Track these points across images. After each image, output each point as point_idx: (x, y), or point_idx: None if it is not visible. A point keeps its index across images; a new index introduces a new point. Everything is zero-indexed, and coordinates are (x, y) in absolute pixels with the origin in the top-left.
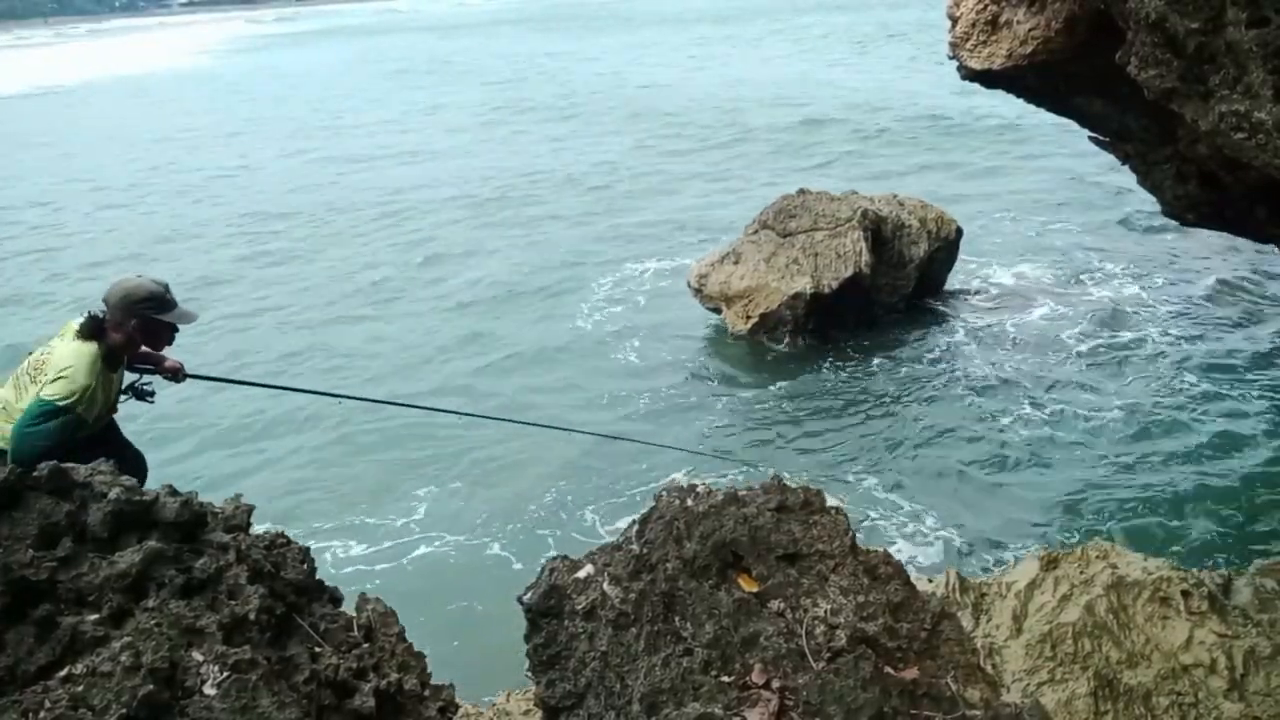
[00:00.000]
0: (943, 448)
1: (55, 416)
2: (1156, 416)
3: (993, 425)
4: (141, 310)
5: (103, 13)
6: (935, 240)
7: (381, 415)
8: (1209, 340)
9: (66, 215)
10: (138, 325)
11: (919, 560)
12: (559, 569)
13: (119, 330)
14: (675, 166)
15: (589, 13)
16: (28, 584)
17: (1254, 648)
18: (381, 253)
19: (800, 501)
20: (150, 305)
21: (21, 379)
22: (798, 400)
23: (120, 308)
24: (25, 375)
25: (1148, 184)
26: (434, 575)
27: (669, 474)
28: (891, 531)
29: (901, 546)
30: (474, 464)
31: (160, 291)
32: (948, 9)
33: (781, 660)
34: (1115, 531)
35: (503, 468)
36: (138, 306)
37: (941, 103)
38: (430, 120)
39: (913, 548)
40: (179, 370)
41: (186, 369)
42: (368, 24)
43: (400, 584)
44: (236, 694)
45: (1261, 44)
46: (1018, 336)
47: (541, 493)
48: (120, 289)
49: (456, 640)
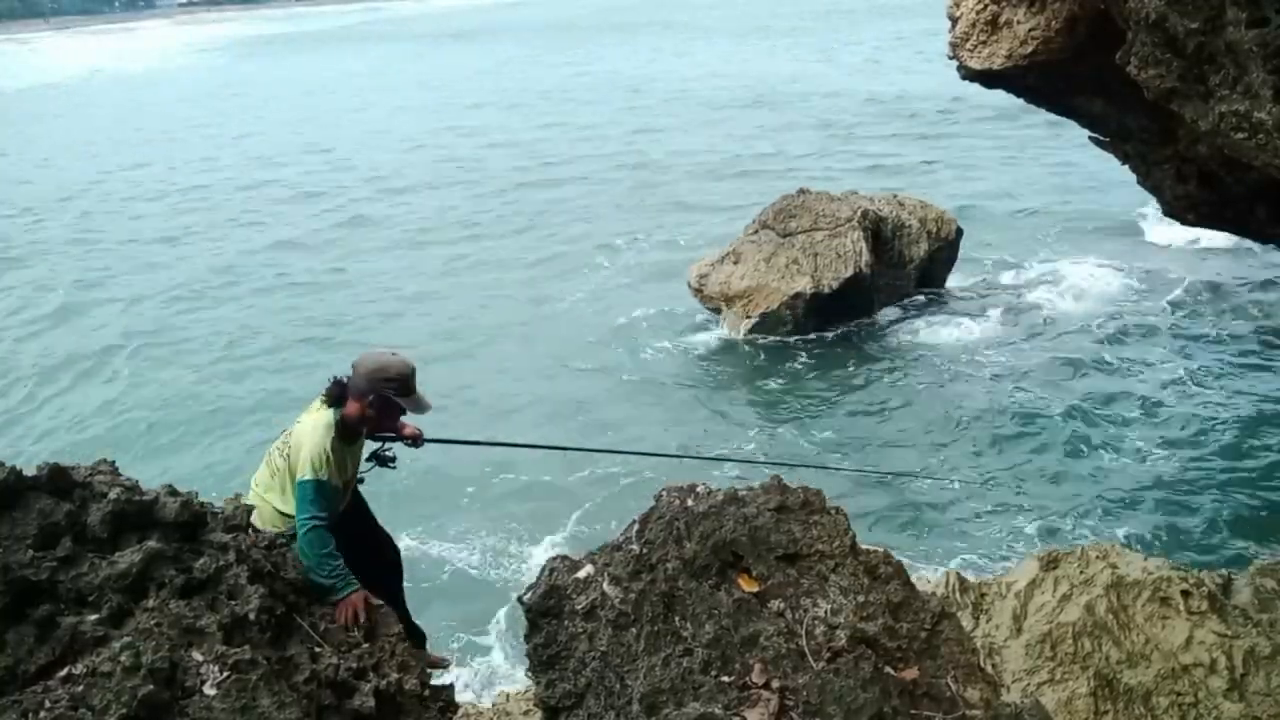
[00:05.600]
0: (942, 446)
1: (315, 492)
2: (1156, 416)
3: (992, 424)
4: (385, 388)
5: (103, 12)
6: (935, 240)
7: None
8: (1209, 340)
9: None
10: (376, 401)
11: (919, 559)
12: (559, 569)
13: (358, 401)
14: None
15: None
16: (28, 584)
17: (1254, 648)
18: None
19: (800, 501)
20: (394, 386)
21: (273, 457)
22: (797, 400)
23: (366, 378)
24: (276, 452)
25: (1148, 184)
26: (433, 575)
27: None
28: (891, 530)
29: (901, 545)
30: (473, 469)
31: (408, 375)
32: (948, 9)
33: (781, 660)
34: (1115, 531)
35: (502, 471)
36: (383, 384)
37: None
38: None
39: (912, 547)
40: (418, 436)
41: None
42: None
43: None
44: (236, 694)
45: (1261, 44)
46: (1017, 336)
47: (541, 496)
48: (374, 361)
49: (455, 642)
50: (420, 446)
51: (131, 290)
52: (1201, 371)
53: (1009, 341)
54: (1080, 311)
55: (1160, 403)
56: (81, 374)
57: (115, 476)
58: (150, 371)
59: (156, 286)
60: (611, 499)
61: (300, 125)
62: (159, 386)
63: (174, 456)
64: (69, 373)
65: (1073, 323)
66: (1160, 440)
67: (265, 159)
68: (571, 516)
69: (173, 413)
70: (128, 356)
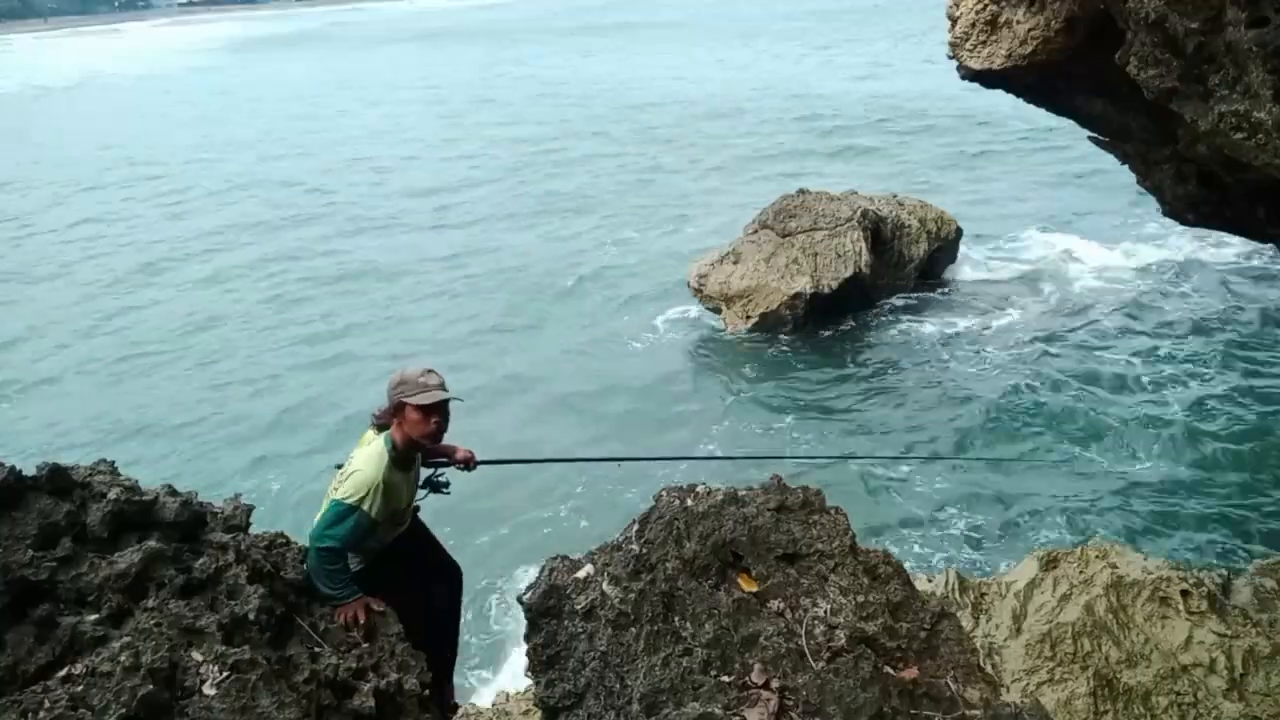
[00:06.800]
0: (942, 445)
1: (344, 518)
2: (1157, 414)
3: (992, 423)
4: (396, 395)
5: (101, 12)
6: (935, 240)
7: None
8: (1210, 340)
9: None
10: (393, 411)
11: (919, 558)
12: (559, 569)
13: (392, 420)
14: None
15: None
16: (28, 584)
17: (1253, 647)
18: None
19: (800, 501)
20: (408, 389)
21: (328, 494)
22: (797, 400)
23: (389, 396)
24: (331, 489)
25: (1148, 184)
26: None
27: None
28: (891, 529)
29: (901, 544)
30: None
31: (414, 374)
32: (947, 9)
33: (781, 660)
34: (1115, 531)
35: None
36: (393, 392)
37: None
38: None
39: (912, 545)
40: (471, 459)
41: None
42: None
43: None
44: (236, 694)
45: (1261, 44)
46: (1017, 336)
47: (540, 500)
48: (392, 379)
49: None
50: (473, 469)
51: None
52: (1202, 370)
53: (1009, 341)
54: (1081, 311)
55: (1161, 401)
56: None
57: (115, 476)
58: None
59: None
60: (611, 500)
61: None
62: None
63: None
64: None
65: (1073, 322)
66: (1160, 439)
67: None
68: (570, 517)
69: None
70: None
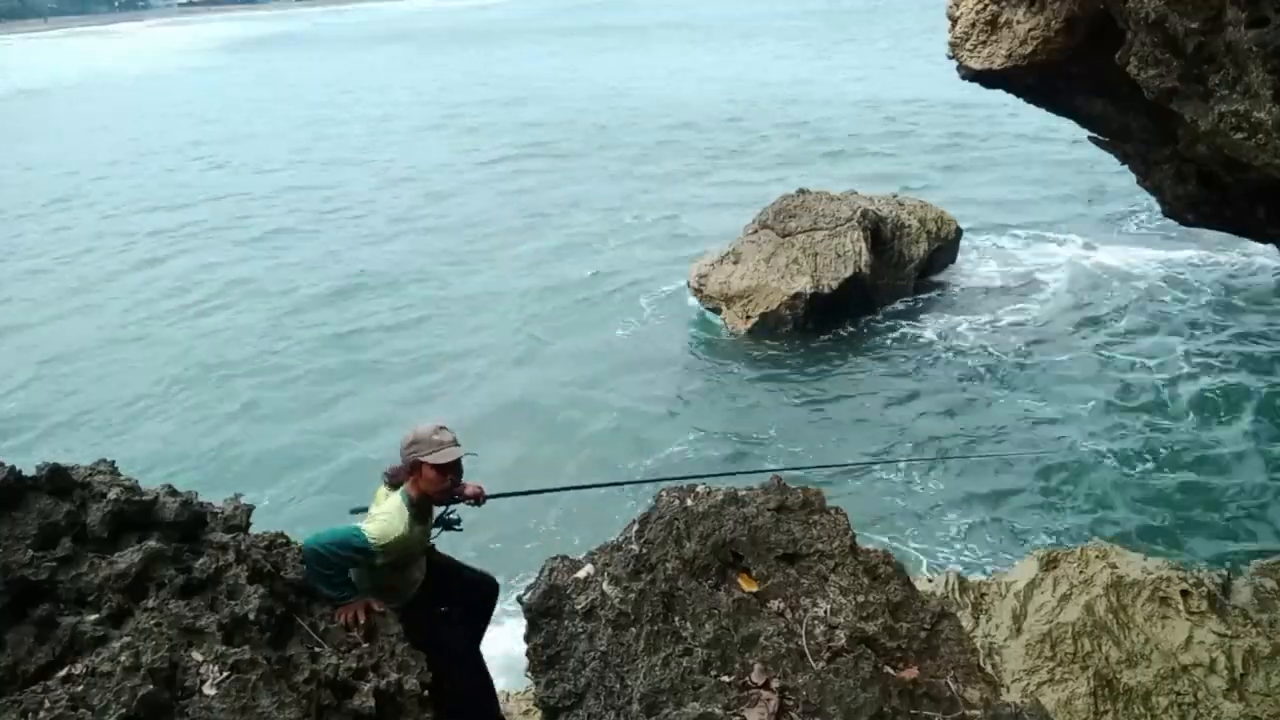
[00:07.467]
0: (943, 444)
1: (354, 548)
2: (1157, 415)
3: (992, 423)
4: (411, 455)
5: (100, 11)
6: (935, 240)
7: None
8: (1210, 340)
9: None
10: (409, 469)
11: (918, 558)
12: (558, 569)
13: (407, 478)
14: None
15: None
16: (28, 584)
17: (1253, 647)
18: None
19: (800, 501)
20: (415, 448)
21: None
22: (798, 399)
23: (403, 456)
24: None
25: (1148, 184)
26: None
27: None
28: (892, 529)
29: (901, 544)
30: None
31: (427, 433)
32: (947, 9)
33: (781, 660)
34: (1115, 531)
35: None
36: (407, 452)
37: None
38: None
39: (912, 545)
40: (480, 494)
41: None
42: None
43: None
44: (236, 694)
45: (1261, 44)
46: (1017, 335)
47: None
48: (406, 439)
49: None
50: (483, 504)
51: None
52: (1202, 370)
53: (1009, 341)
54: (1081, 311)
55: (1161, 402)
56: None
57: (115, 476)
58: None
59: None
60: (612, 500)
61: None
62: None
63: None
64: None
65: (1074, 322)
66: (1160, 439)
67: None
68: (570, 516)
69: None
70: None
